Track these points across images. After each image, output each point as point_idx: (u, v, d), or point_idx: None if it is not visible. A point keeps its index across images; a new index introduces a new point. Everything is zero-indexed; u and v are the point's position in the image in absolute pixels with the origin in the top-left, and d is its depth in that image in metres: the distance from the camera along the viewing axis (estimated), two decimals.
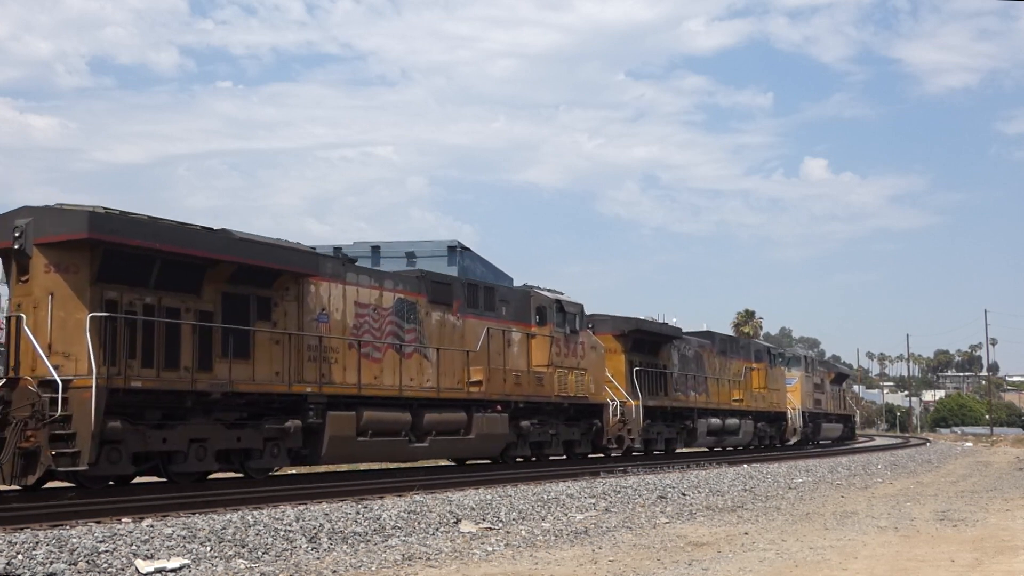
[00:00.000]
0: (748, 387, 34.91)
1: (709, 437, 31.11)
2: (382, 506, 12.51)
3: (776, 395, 37.72)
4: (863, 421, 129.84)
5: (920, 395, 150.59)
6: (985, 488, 18.58)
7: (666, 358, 29.09)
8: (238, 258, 15.12)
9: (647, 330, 28.15)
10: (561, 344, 22.92)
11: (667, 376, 28.70)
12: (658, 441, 28.12)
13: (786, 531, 11.35)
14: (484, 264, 47.30)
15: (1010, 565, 8.96)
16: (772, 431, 37.53)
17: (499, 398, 20.62)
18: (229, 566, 8.37)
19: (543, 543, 10.15)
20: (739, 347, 36.07)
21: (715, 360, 32.82)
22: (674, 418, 28.99)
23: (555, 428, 22.83)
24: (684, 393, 29.72)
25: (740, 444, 34.57)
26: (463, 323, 20.34)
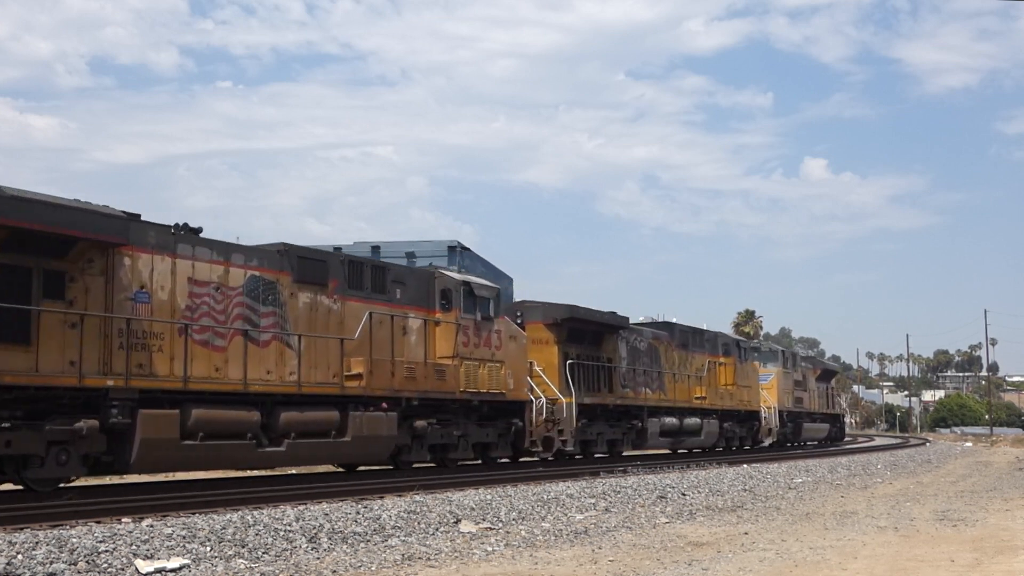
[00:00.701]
0: (713, 384, 31.80)
1: (663, 438, 28.11)
2: (382, 506, 12.51)
3: (747, 392, 34.46)
4: (863, 421, 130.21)
5: (920, 395, 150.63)
6: (985, 488, 18.59)
7: (611, 350, 26.12)
8: (12, 221, 12.45)
9: (585, 319, 24.99)
10: (471, 333, 19.88)
11: (612, 370, 25.80)
12: (598, 443, 25.19)
13: (786, 531, 11.36)
14: (484, 264, 47.31)
15: (1010, 565, 8.96)
16: (743, 432, 34.46)
17: (385, 394, 17.58)
18: (229, 566, 8.37)
19: (543, 543, 10.15)
20: (703, 340, 32.29)
21: (674, 354, 29.70)
22: (621, 417, 26.18)
23: (463, 429, 19.78)
24: (634, 389, 26.84)
25: (703, 446, 31.53)
26: (342, 307, 17.36)
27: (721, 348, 32.85)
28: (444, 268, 20.92)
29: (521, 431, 21.42)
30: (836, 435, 49.02)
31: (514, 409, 21.40)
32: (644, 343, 28.03)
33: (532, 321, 23.72)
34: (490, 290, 21.05)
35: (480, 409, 20.29)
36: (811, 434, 43.60)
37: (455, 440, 19.58)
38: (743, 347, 35.01)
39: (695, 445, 31.06)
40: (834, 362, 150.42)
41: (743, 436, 34.61)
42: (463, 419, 19.86)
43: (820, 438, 45.54)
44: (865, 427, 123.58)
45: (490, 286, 21.30)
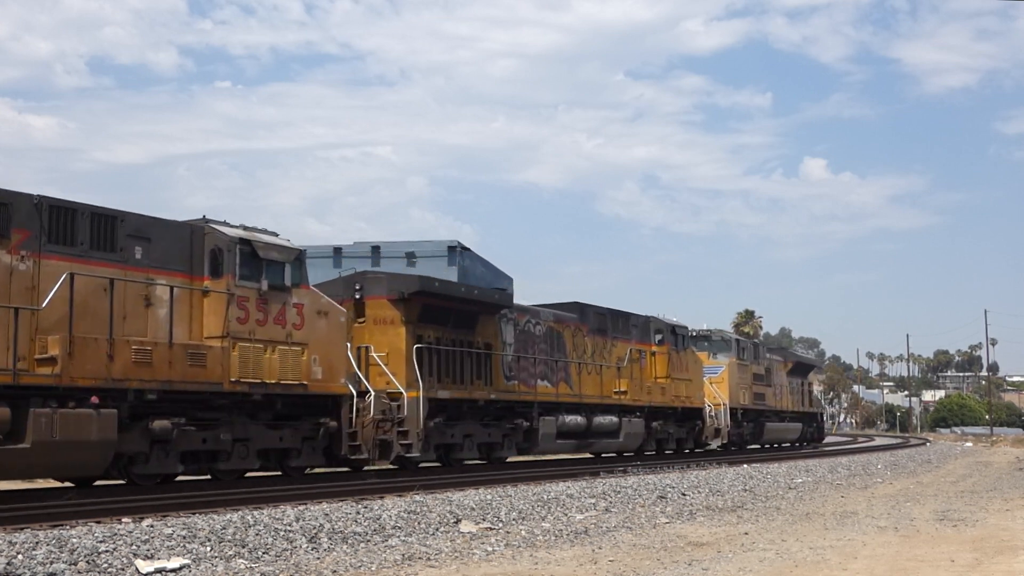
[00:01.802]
0: (639, 376, 27.12)
1: (563, 440, 23.44)
2: (382, 506, 12.51)
3: (687, 386, 29.53)
4: (863, 421, 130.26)
5: (920, 395, 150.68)
6: (985, 488, 18.59)
7: (490, 334, 21.61)
8: None
9: (445, 294, 20.42)
10: (251, 306, 15.33)
11: (490, 358, 21.35)
12: (465, 446, 20.63)
13: (786, 531, 11.36)
14: (484, 264, 47.30)
15: (1010, 565, 8.96)
16: (681, 432, 29.64)
17: (96, 385, 13.16)
18: (229, 566, 8.37)
19: (543, 543, 10.15)
20: (628, 325, 27.43)
21: (586, 340, 25.19)
22: (503, 415, 21.69)
23: (240, 431, 15.32)
24: (525, 381, 22.40)
25: (623, 449, 27.00)
26: (35, 267, 13.03)
27: (654, 335, 28.18)
28: (219, 222, 15.76)
29: (335, 433, 16.73)
30: (812, 436, 45.03)
31: (324, 405, 16.69)
32: (542, 327, 23.66)
33: (374, 296, 19.50)
34: (284, 252, 16.21)
35: (274, 405, 15.86)
36: (777, 435, 39.24)
37: (228, 446, 15.21)
38: (680, 334, 29.72)
39: (611, 448, 26.63)
40: (834, 362, 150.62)
41: (681, 437, 29.79)
42: (241, 419, 15.34)
43: (791, 439, 41.47)
44: (865, 427, 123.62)
45: (285, 247, 16.34)
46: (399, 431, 18.34)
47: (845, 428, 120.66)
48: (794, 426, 41.32)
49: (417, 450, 18.67)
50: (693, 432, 30.40)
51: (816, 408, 46.09)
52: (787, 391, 40.43)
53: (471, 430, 20.79)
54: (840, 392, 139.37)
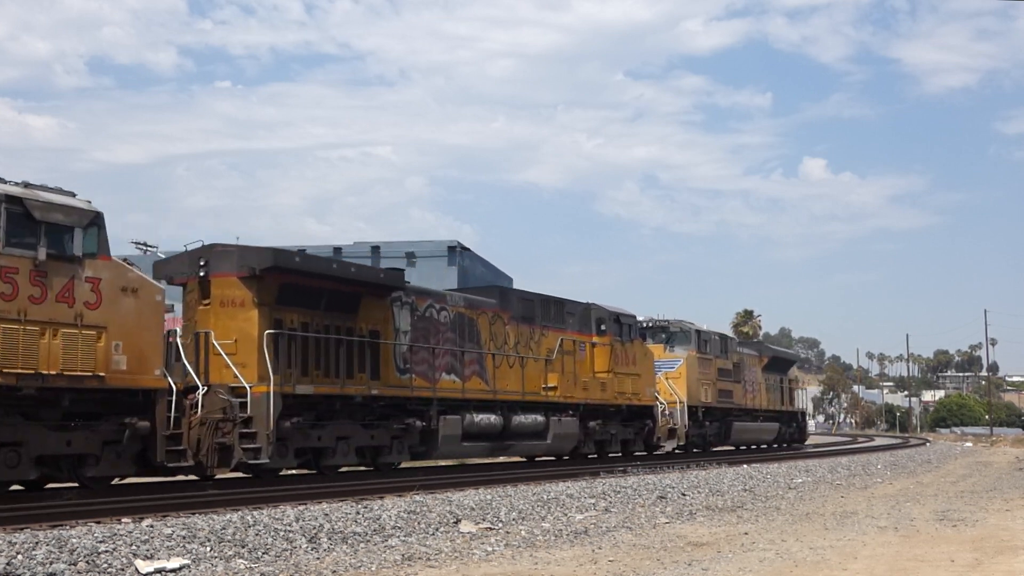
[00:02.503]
0: (573, 369, 23.88)
1: (472, 442, 20.31)
2: (382, 506, 12.51)
3: (634, 382, 26.23)
4: (863, 421, 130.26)
5: (920, 395, 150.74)
6: (985, 488, 18.59)
7: (378, 320, 18.59)
8: None
9: (309, 271, 17.29)
10: (22, 279, 12.49)
11: (377, 348, 18.30)
12: (338, 450, 17.40)
13: (786, 531, 11.36)
14: (484, 264, 47.32)
15: (1010, 565, 8.96)
16: (627, 433, 26.28)
17: None
18: (229, 566, 8.37)
19: (543, 543, 10.15)
20: (562, 313, 24.11)
21: (507, 329, 22.05)
22: (393, 414, 18.56)
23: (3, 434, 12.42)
24: (424, 375, 19.33)
25: (552, 452, 23.77)
26: None
27: (595, 324, 24.98)
28: None
29: (148, 435, 13.92)
30: (792, 436, 40.95)
31: (133, 403, 13.90)
32: (449, 313, 20.53)
33: (221, 273, 16.60)
34: (73, 214, 13.22)
35: (54, 402, 13.02)
36: (748, 435, 35.67)
37: None
38: (626, 323, 26.20)
39: (536, 451, 23.35)
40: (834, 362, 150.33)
41: (628, 439, 26.47)
42: (11, 419, 12.58)
43: (765, 440, 37.99)
44: (865, 427, 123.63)
45: (74, 207, 13.34)
46: (243, 433, 15.42)
47: (845, 428, 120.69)
48: (769, 426, 37.66)
49: (267, 455, 15.56)
50: (642, 433, 26.90)
51: (796, 407, 41.93)
52: (763, 388, 37.03)
53: (347, 431, 17.52)
54: (840, 392, 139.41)
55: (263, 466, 15.88)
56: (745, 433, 34.89)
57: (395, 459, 18.91)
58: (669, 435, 28.40)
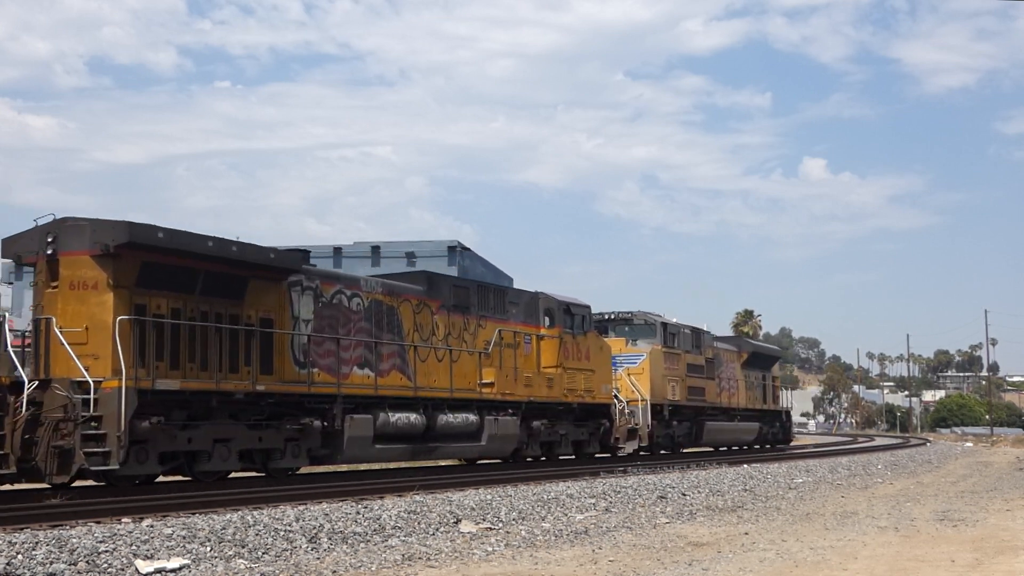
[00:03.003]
0: (513, 364, 21.58)
1: (386, 444, 18.05)
2: (382, 506, 12.51)
3: (588, 378, 24.00)
4: (863, 421, 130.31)
5: (920, 395, 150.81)
6: (985, 488, 18.58)
7: (272, 307, 16.54)
8: None
9: (177, 249, 14.93)
10: None
11: (270, 339, 16.27)
12: (216, 454, 15.20)
13: (786, 531, 11.35)
14: (484, 264, 47.33)
15: (1010, 565, 8.96)
16: (579, 433, 23.99)
17: None
18: (229, 566, 8.37)
19: (543, 543, 10.15)
20: (503, 303, 21.91)
21: (435, 319, 19.91)
22: (288, 413, 16.41)
23: None
24: (329, 369, 17.28)
25: (489, 454, 21.66)
26: None
27: (542, 315, 22.86)
28: None
29: None
30: (775, 437, 38.65)
31: None
32: (363, 300, 18.40)
33: (72, 251, 14.58)
34: None
35: None
36: (724, 436, 33.43)
37: None
38: (578, 314, 23.97)
39: (469, 454, 21.36)
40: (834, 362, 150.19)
41: (581, 440, 24.17)
42: None
43: (744, 441, 35.67)
44: (865, 427, 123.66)
45: None
46: (88, 435, 13.51)
47: (845, 428, 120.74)
48: (748, 426, 35.28)
49: (117, 460, 13.54)
50: (597, 434, 24.69)
51: (781, 406, 39.51)
52: (741, 386, 34.83)
53: (227, 433, 15.37)
54: (840, 392, 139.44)
55: (113, 473, 13.90)
56: (720, 433, 32.68)
57: (290, 464, 16.66)
58: (629, 436, 26.13)
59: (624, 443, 25.88)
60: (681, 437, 29.77)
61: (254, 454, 16.07)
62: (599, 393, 24.61)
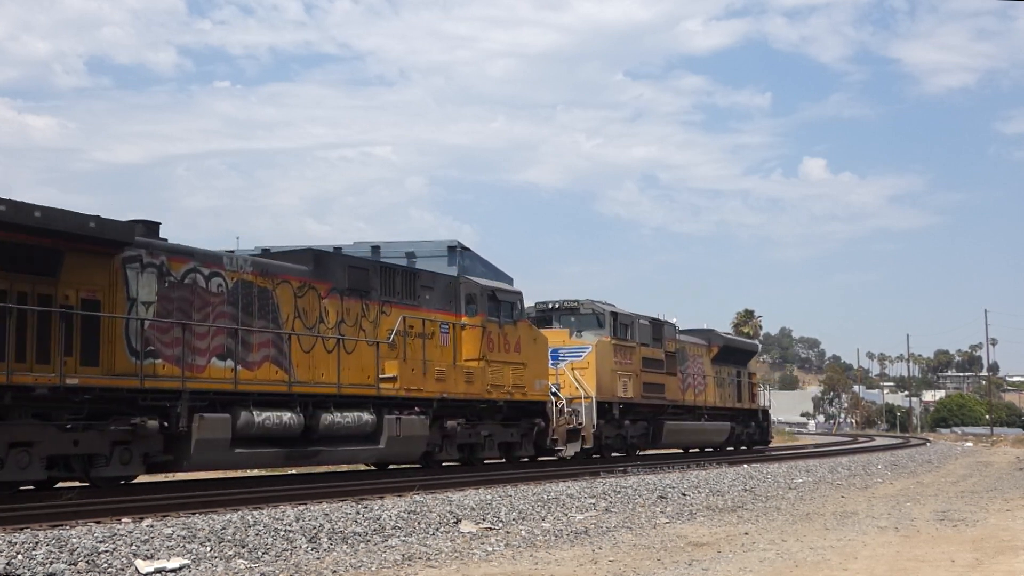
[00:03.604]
0: (421, 356, 18.71)
1: (250, 448, 15.44)
2: (382, 506, 12.51)
3: (518, 373, 21.34)
4: (863, 421, 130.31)
5: (920, 395, 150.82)
6: (985, 488, 18.58)
7: (99, 286, 14.11)
8: None
9: None
10: None
11: (94, 324, 13.81)
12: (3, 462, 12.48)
13: (786, 531, 11.36)
14: (484, 264, 47.32)
15: (1010, 565, 8.96)
16: (507, 435, 21.32)
17: None
18: (229, 566, 8.37)
19: (543, 543, 10.15)
20: (413, 287, 19.16)
21: (324, 304, 17.21)
22: (115, 412, 13.75)
23: None
24: (176, 361, 14.63)
25: (388, 459, 19.00)
26: None
27: (463, 301, 20.23)
28: None
29: None
30: (750, 438, 35.61)
31: None
32: (225, 281, 15.85)
33: None
34: None
35: None
36: (687, 437, 30.43)
37: None
38: (505, 301, 21.35)
39: (364, 459, 18.93)
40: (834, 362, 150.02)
41: (511, 441, 21.54)
42: None
43: (714, 442, 32.75)
44: (865, 427, 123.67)
45: None
46: None
47: (845, 428, 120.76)
48: (717, 426, 32.26)
49: None
50: (531, 435, 22.00)
51: (758, 404, 36.60)
52: (711, 382, 32.05)
53: (27, 435, 12.80)
54: (840, 392, 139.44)
55: None
56: (682, 434, 29.78)
57: (120, 472, 14.02)
58: (570, 437, 23.36)
59: (563, 445, 23.16)
60: (635, 438, 26.93)
61: (72, 460, 13.58)
62: (532, 389, 21.90)
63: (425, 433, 18.62)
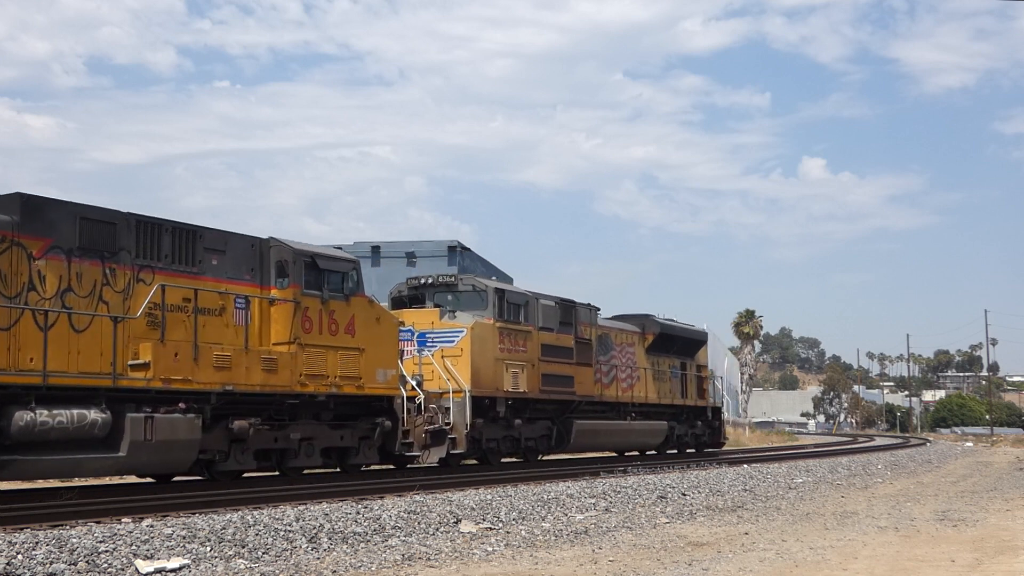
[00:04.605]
0: (200, 338, 14.58)
1: None
2: (382, 506, 12.51)
3: (354, 361, 16.96)
4: (863, 421, 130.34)
5: (920, 395, 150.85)
6: (985, 488, 18.59)
7: None
8: None
9: None
10: None
11: None
12: None
13: (786, 531, 11.36)
14: (484, 264, 47.31)
15: (1010, 565, 8.96)
16: (336, 438, 16.97)
17: None
18: (229, 566, 8.37)
19: (543, 543, 10.15)
20: (190, 247, 14.97)
21: (38, 266, 13.03)
22: None
23: None
24: None
25: (131, 470, 14.57)
26: None
27: (273, 270, 16.09)
28: None
29: None
30: (697, 439, 30.67)
31: None
32: None
33: None
34: None
35: None
36: (605, 438, 26.08)
37: None
38: (333, 271, 16.90)
39: (86, 471, 14.14)
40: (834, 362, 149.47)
41: (343, 446, 17.25)
42: None
43: (645, 444, 28.11)
44: (865, 427, 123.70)
45: None
46: None
47: (845, 428, 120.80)
48: (649, 426, 27.41)
49: None
50: (374, 438, 17.61)
51: (707, 400, 31.62)
52: (646, 376, 27.41)
53: None
54: (840, 392, 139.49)
55: None
56: (599, 435, 25.34)
57: None
58: (434, 439, 19.27)
59: (423, 449, 19.09)
60: (532, 440, 22.86)
61: None
62: (372, 381, 17.36)
63: (195, 436, 14.38)
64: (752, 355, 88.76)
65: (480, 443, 20.82)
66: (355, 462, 17.75)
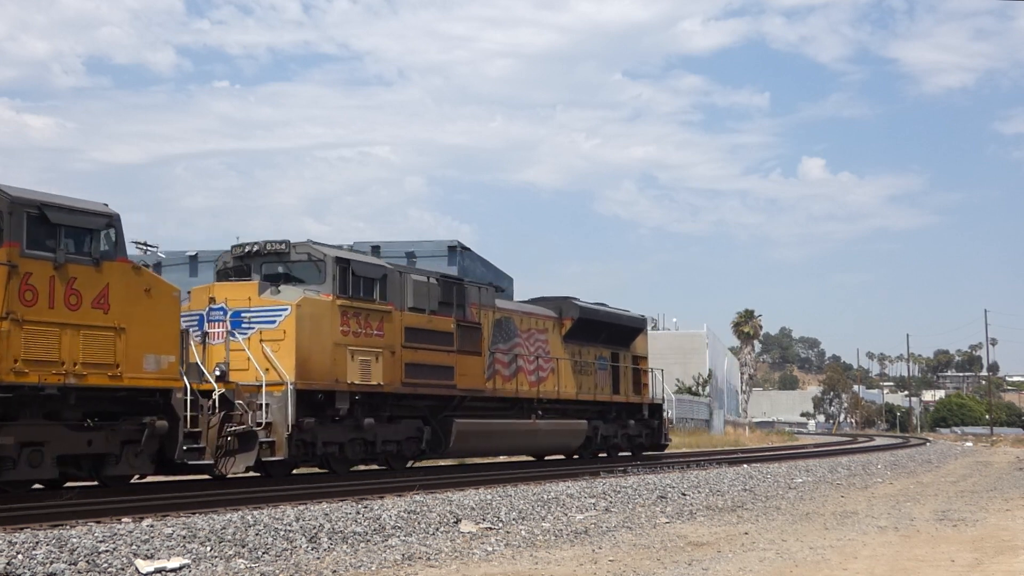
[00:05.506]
0: None
1: None
2: (382, 506, 12.51)
3: (105, 343, 13.11)
4: (863, 421, 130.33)
5: (920, 395, 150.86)
6: (985, 488, 18.58)
7: None
8: None
9: None
10: None
11: None
12: None
13: (786, 531, 11.36)
14: (484, 264, 47.32)
15: (1010, 565, 8.96)
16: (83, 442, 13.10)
17: None
18: (229, 566, 8.37)
19: (543, 543, 10.15)
20: None
21: None
22: None
23: None
24: None
25: None
26: None
27: None
28: None
29: None
30: (631, 441, 26.89)
31: None
32: None
33: None
34: None
35: None
36: (498, 441, 22.18)
37: None
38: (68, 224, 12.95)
39: None
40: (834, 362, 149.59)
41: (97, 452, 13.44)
42: None
43: (554, 448, 24.61)
44: (865, 427, 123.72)
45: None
46: None
47: (845, 428, 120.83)
48: (562, 426, 23.69)
49: None
50: (139, 443, 13.69)
51: (646, 396, 27.63)
52: (562, 367, 23.73)
53: None
54: (840, 392, 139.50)
55: None
56: (489, 438, 21.48)
57: None
58: (242, 444, 15.30)
59: (224, 456, 15.16)
60: (394, 444, 18.91)
61: None
62: (137, 370, 13.63)
63: None
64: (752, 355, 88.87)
65: (314, 447, 17.07)
66: (115, 473, 13.86)
